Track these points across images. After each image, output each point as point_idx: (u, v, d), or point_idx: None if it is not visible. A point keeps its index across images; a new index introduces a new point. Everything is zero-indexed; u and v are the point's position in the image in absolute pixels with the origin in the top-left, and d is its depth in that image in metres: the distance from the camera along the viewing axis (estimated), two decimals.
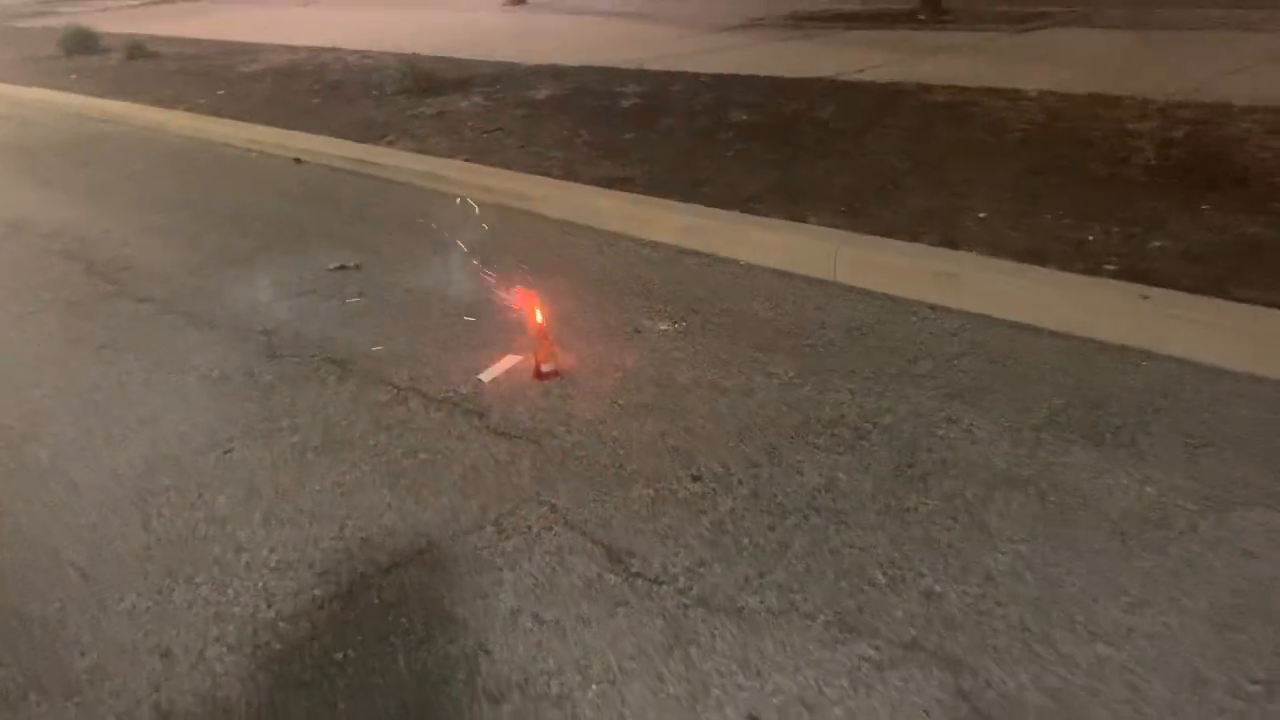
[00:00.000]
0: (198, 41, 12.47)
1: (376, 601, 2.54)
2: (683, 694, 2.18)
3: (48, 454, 3.42)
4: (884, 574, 2.48)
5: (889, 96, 6.51)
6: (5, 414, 3.72)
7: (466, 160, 5.98)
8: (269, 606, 2.56)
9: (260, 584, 2.65)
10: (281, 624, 2.50)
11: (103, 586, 2.71)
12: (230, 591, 2.63)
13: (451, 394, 3.52)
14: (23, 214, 6.28)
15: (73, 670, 2.42)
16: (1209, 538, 2.50)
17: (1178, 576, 2.38)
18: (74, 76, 10.62)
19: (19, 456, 3.42)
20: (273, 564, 2.73)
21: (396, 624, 2.46)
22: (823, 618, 2.35)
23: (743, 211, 4.64)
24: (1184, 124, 5.30)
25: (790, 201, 4.72)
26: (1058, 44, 8.02)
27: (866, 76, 7.13)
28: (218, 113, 8.17)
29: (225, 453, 3.30)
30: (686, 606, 2.43)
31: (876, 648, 2.25)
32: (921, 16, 9.69)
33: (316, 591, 2.60)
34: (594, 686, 2.22)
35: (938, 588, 2.42)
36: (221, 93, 8.98)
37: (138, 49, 11.54)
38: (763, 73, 7.57)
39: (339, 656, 2.37)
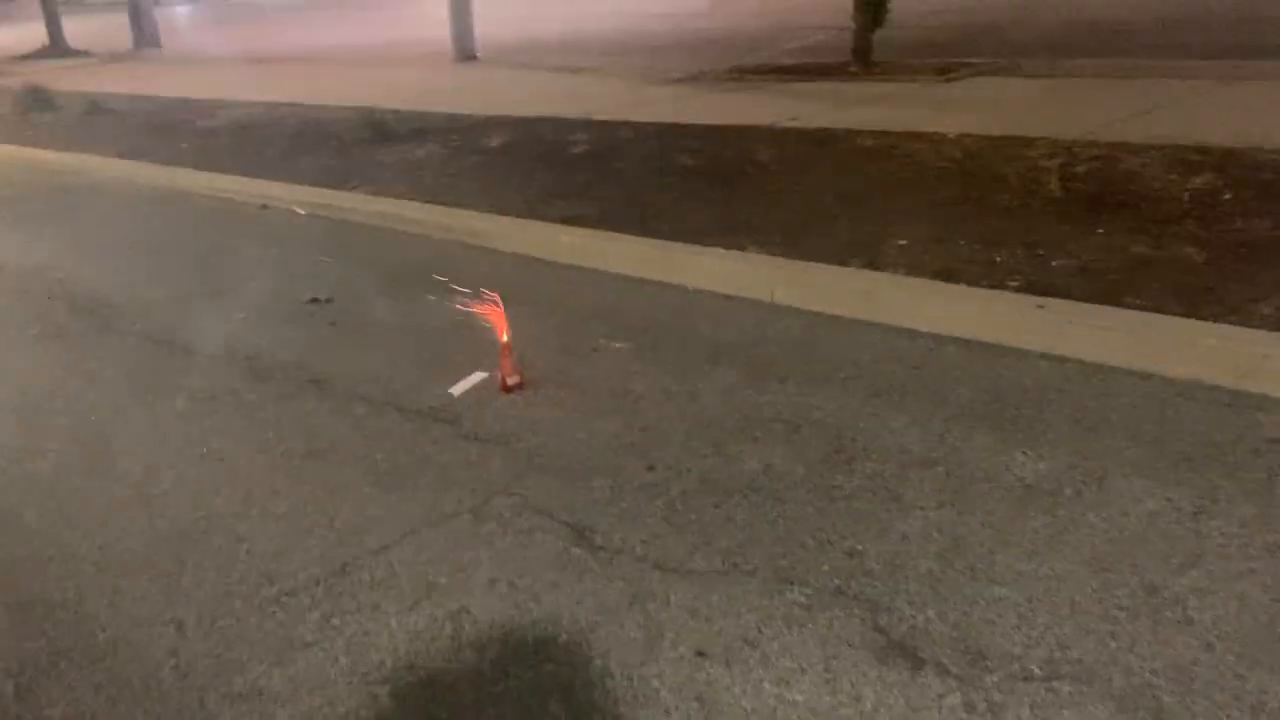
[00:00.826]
0: (155, 99, 12.77)
1: (368, 577, 2.87)
2: (641, 638, 2.53)
3: (50, 467, 3.70)
4: (813, 539, 2.85)
5: (819, 141, 7.01)
6: (16, 427, 4.01)
7: (424, 202, 6.35)
8: (271, 584, 2.88)
9: (261, 567, 2.96)
10: (284, 598, 2.81)
11: (115, 574, 3.00)
12: (234, 574, 2.94)
13: (425, 407, 3.87)
14: (1, 260, 6.54)
15: (95, 642, 2.72)
16: (1090, 501, 2.91)
17: (1063, 532, 2.79)
18: (34, 132, 10.87)
19: (24, 470, 3.70)
20: (271, 551, 3.04)
21: (387, 594, 2.79)
22: (761, 574, 2.72)
23: (688, 243, 5.06)
24: (1086, 161, 5.83)
25: (731, 233, 5.14)
26: (978, 92, 8.60)
27: (799, 124, 7.63)
28: (182, 163, 8.48)
29: (220, 460, 3.62)
30: (643, 571, 2.78)
31: (806, 595, 2.62)
32: (853, 69, 10.25)
33: (313, 569, 2.92)
34: (564, 635, 2.56)
35: (859, 547, 2.80)
36: (184, 145, 9.30)
37: (96, 106, 11.82)
38: (704, 121, 8.05)
39: (335, 622, 2.69)
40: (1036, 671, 2.30)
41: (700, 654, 2.45)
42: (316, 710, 2.38)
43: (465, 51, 14.27)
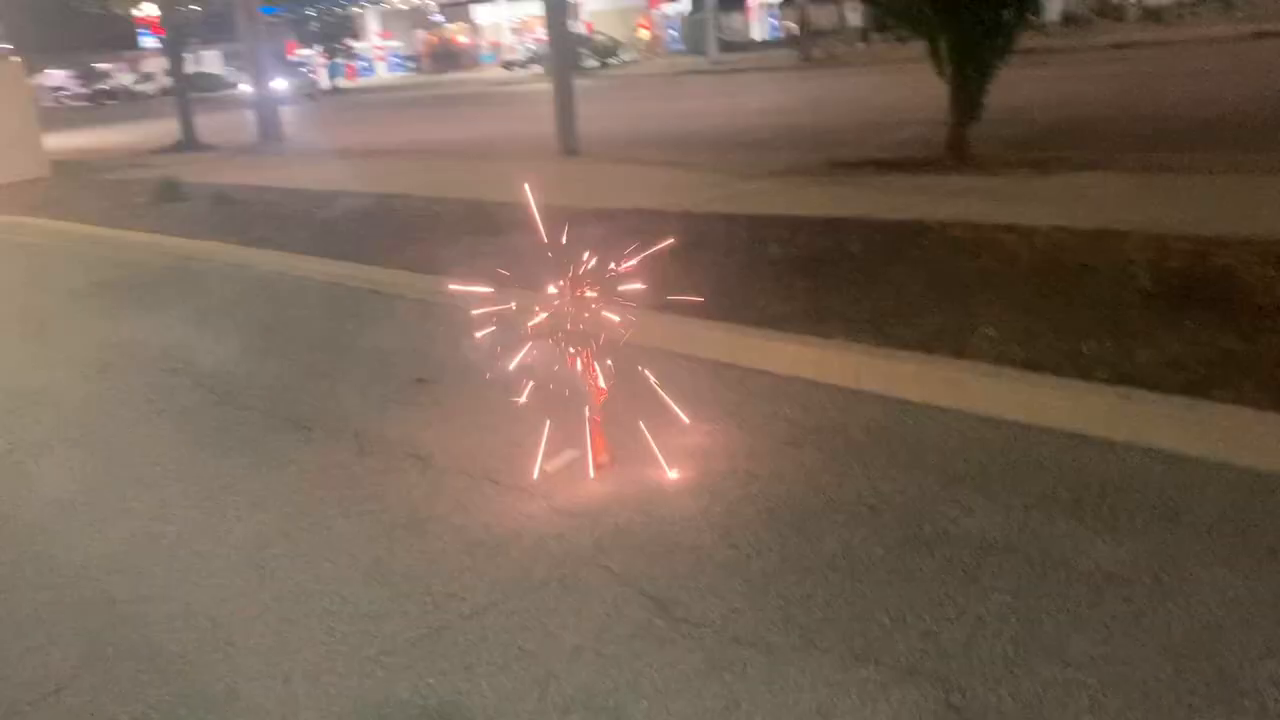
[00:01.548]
0: (277, 190, 13.49)
1: (461, 640, 3.03)
2: (718, 708, 2.63)
3: (175, 531, 3.98)
4: (889, 618, 2.93)
5: (911, 233, 7.13)
6: (137, 496, 4.30)
7: (523, 290, 6.62)
8: (371, 644, 3.06)
9: (362, 628, 3.15)
10: (383, 657, 2.99)
11: (229, 630, 3.22)
12: (338, 634, 3.14)
13: (519, 482, 4.05)
14: (131, 338, 7.01)
15: (211, 692, 2.92)
16: (1169, 589, 2.94)
17: (1140, 618, 2.82)
18: (166, 221, 11.58)
19: (154, 529, 3.99)
20: (372, 613, 3.23)
21: (478, 657, 2.94)
22: (836, 651, 2.81)
23: (776, 330, 5.21)
24: (1179, 255, 5.83)
25: (819, 321, 5.28)
26: (1073, 186, 8.64)
27: (892, 216, 7.76)
28: (300, 250, 8.97)
29: (327, 529, 3.84)
30: (722, 644, 2.89)
31: (881, 673, 2.70)
32: (948, 163, 10.38)
33: (411, 631, 3.09)
34: (645, 702, 2.68)
35: (934, 628, 2.87)
36: (303, 234, 9.82)
37: (222, 196, 12.56)
38: (796, 213, 8.24)
39: (430, 681, 2.85)
40: None
41: None
42: None
43: (569, 146, 14.78)
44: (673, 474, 3.96)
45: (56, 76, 71.49)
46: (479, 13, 64.69)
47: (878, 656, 2.76)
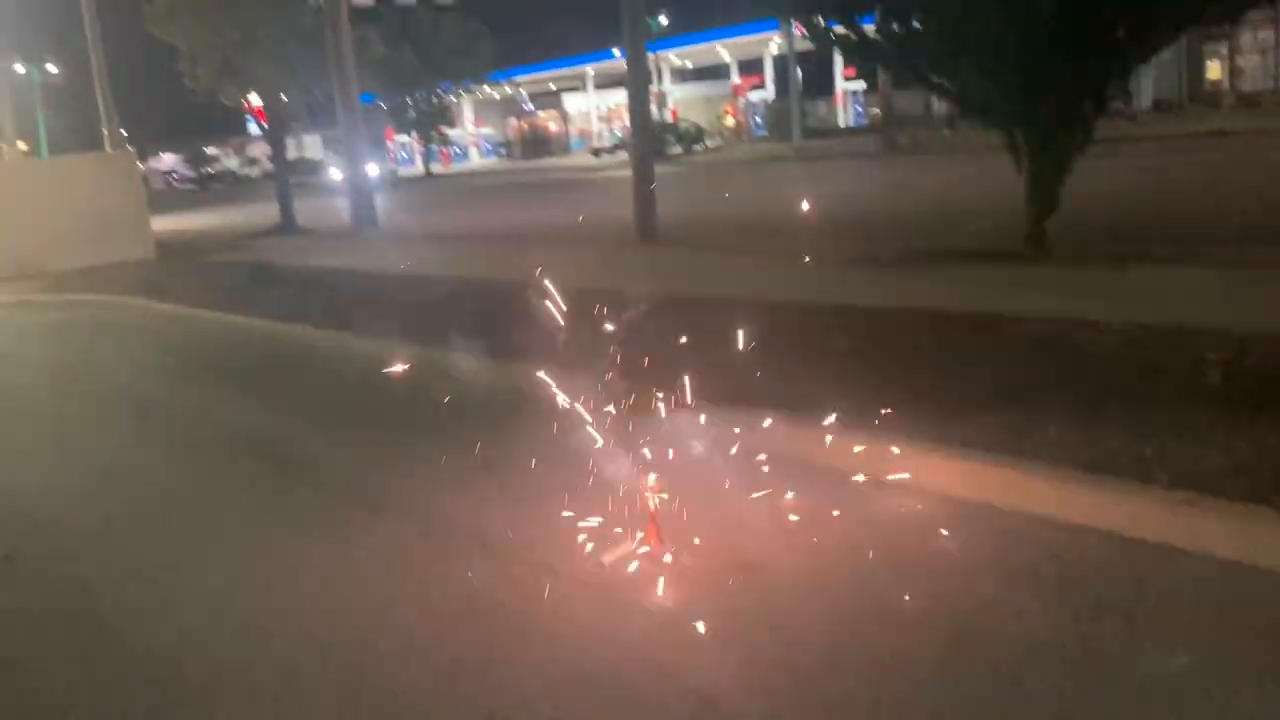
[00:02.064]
0: (366, 273, 13.98)
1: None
2: None
3: (246, 610, 4.14)
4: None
5: (981, 327, 7.13)
6: (211, 580, 4.49)
7: (595, 376, 6.79)
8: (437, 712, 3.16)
9: (419, 707, 3.26)
10: None
11: (292, 706, 3.35)
12: (394, 714, 3.24)
13: (577, 571, 4.14)
14: (219, 415, 7.32)
15: None
16: (1219, 701, 2.90)
17: None
18: (261, 304, 12.08)
19: (222, 611, 4.15)
20: (429, 693, 3.34)
21: None
22: None
23: (839, 424, 5.25)
24: (1253, 355, 5.75)
25: (877, 415, 5.31)
26: (1151, 280, 8.57)
27: (963, 308, 7.77)
28: (384, 334, 9.29)
29: (390, 608, 3.97)
30: None
31: None
32: (1027, 254, 10.35)
33: (464, 714, 3.19)
34: None
35: None
36: (389, 318, 10.16)
37: (317, 280, 13.08)
38: (867, 304, 8.30)
39: None
40: None
41: None
42: None
43: (647, 232, 15.08)
44: (723, 565, 4.01)
45: (167, 160, 75.18)
46: (569, 101, 66.50)
47: None
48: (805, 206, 18.39)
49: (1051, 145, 10.11)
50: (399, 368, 8.12)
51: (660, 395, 4.57)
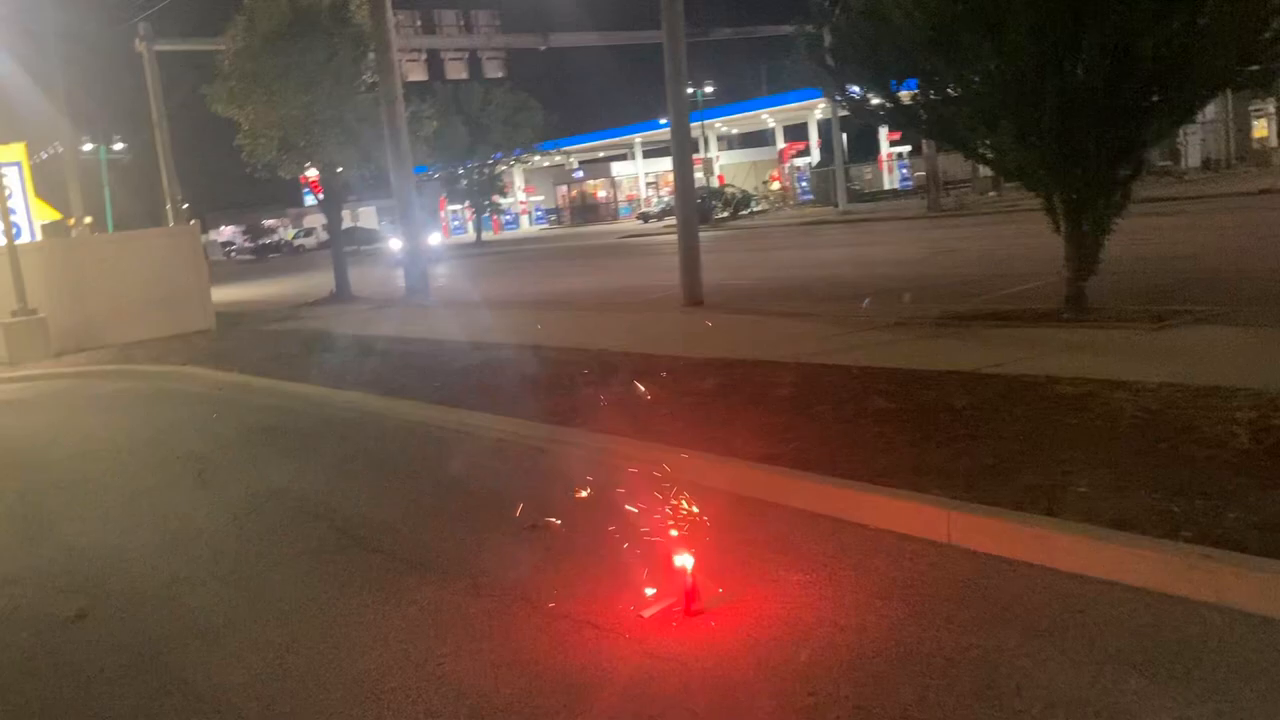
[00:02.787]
0: (417, 340, 14.37)
1: None
2: None
3: (303, 663, 4.36)
4: None
5: (1018, 388, 7.25)
6: (272, 631, 4.73)
7: (638, 439, 7.00)
8: None
9: None
10: None
11: None
12: None
13: (618, 626, 4.32)
14: (278, 482, 7.61)
15: None
16: None
17: None
18: (315, 371, 12.48)
19: (281, 664, 4.38)
20: None
21: None
22: None
23: (873, 483, 5.41)
24: None
25: (915, 475, 5.46)
26: (1189, 341, 8.64)
27: (1001, 370, 7.91)
28: (435, 401, 9.59)
29: (439, 664, 4.17)
30: None
31: None
32: (1065, 315, 10.44)
33: None
34: None
35: None
36: (437, 384, 10.48)
37: (370, 348, 13.47)
38: (907, 366, 8.46)
39: None
40: None
41: None
42: None
43: (693, 297, 15.35)
44: (758, 623, 4.17)
45: (226, 232, 77.29)
46: (617, 169, 67.58)
47: None
48: (848, 270, 18.65)
49: (1088, 209, 10.24)
50: (450, 432, 8.40)
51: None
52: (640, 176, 66.11)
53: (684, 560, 4.45)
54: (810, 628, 4.12)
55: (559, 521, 5.74)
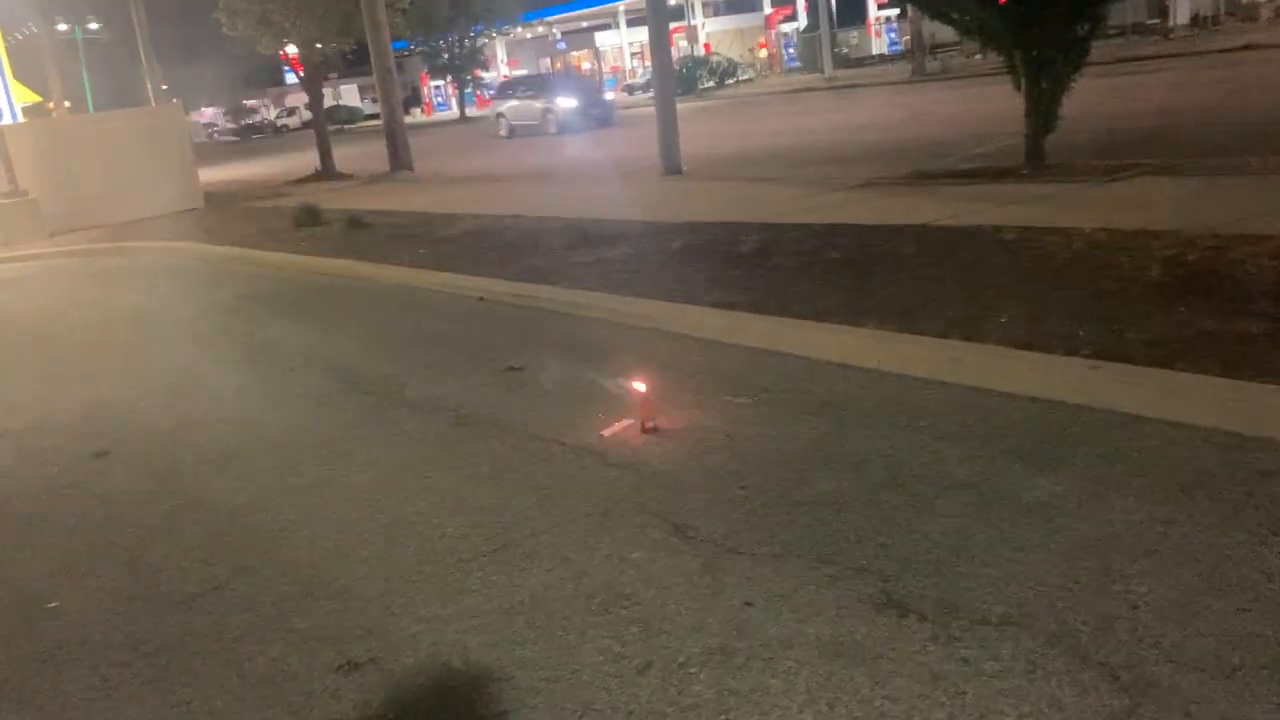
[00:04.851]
0: (403, 213, 14.74)
1: (520, 552, 3.89)
2: (707, 593, 3.42)
3: (307, 480, 4.96)
4: (855, 535, 3.67)
5: (964, 237, 7.75)
6: (275, 458, 5.32)
7: (606, 293, 7.52)
8: (454, 555, 3.94)
9: (447, 546, 4.04)
10: (460, 564, 3.86)
11: (347, 548, 4.15)
12: (428, 549, 4.03)
13: (582, 443, 4.90)
14: (273, 339, 8.14)
15: (330, 589, 3.84)
16: (1086, 514, 3.60)
17: (1055, 534, 3.49)
18: (304, 243, 12.90)
19: (289, 480, 4.98)
20: (456, 535, 4.12)
21: (532, 562, 3.79)
22: (807, 558, 3.56)
23: (817, 321, 5.95)
24: (1199, 250, 6.34)
25: (856, 314, 6.00)
26: (1134, 191, 9.08)
27: (952, 222, 8.38)
28: (418, 265, 10.07)
29: (425, 479, 4.77)
30: (719, 553, 3.68)
31: (837, 569, 3.45)
32: (1025, 171, 10.86)
33: (483, 546, 3.97)
34: (651, 590, 3.48)
35: (888, 541, 3.59)
36: (422, 251, 10.94)
37: (355, 220, 13.84)
38: (864, 222, 8.92)
39: (495, 578, 3.71)
40: (993, 620, 3.05)
41: (748, 604, 3.32)
42: (471, 628, 3.40)
43: (671, 167, 15.66)
44: (703, 436, 4.76)
45: (208, 113, 76.21)
46: (601, 39, 66.47)
47: (838, 560, 3.51)
48: (827, 136, 18.90)
49: (1046, 66, 10.55)
50: (433, 292, 8.90)
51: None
52: (625, 47, 65.07)
53: (640, 387, 5.01)
54: (747, 439, 4.70)
55: (534, 364, 6.29)
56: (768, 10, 61.07)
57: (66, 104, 38.26)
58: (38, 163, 17.98)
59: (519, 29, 57.04)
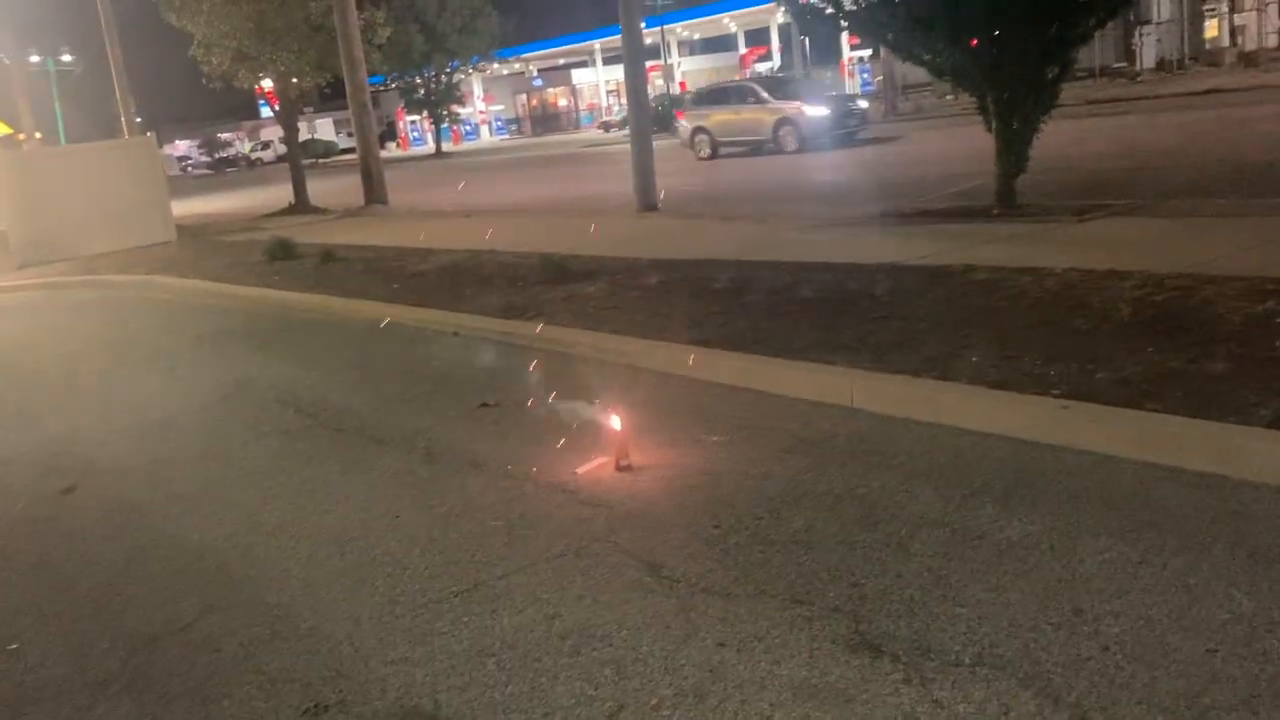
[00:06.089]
0: (377, 248, 14.69)
1: (491, 593, 3.85)
2: (680, 634, 3.40)
3: (275, 519, 4.90)
4: (828, 574, 3.66)
5: (935, 276, 7.80)
6: (246, 495, 5.26)
7: (583, 329, 7.51)
8: (423, 596, 3.90)
9: (417, 586, 4.00)
10: (430, 605, 3.82)
11: (317, 588, 4.10)
12: (398, 590, 3.99)
13: (555, 481, 4.88)
14: (246, 374, 8.08)
15: (298, 628, 3.79)
16: (1058, 553, 3.61)
17: (1027, 573, 3.50)
18: (277, 277, 12.83)
19: (255, 520, 4.92)
20: (426, 575, 4.08)
21: (503, 604, 3.75)
22: (780, 597, 3.55)
23: (790, 359, 5.97)
24: (1167, 291, 6.42)
25: (829, 352, 6.02)
26: (1104, 231, 9.19)
27: (924, 261, 8.44)
28: (393, 300, 10.03)
29: (395, 517, 4.72)
30: (693, 593, 3.66)
31: (811, 610, 3.43)
32: (996, 211, 10.98)
33: (454, 587, 3.93)
34: (625, 631, 3.46)
35: (861, 581, 3.59)
36: (396, 286, 10.90)
37: (328, 255, 13.79)
38: (836, 260, 8.97)
39: (465, 619, 3.68)
40: (966, 661, 3.04)
41: (721, 644, 3.30)
42: (441, 670, 3.36)
43: (647, 203, 15.71)
44: (678, 474, 4.75)
45: (181, 146, 76.06)
46: (577, 76, 66.98)
47: (812, 600, 3.50)
48: (799, 175, 19.07)
49: (1017, 108, 10.70)
50: (406, 328, 8.88)
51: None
52: (601, 85, 65.60)
53: (614, 424, 5.00)
54: (722, 476, 4.69)
55: (507, 401, 6.27)
56: (742, 50, 61.77)
57: (38, 135, 38.11)
58: (8, 194, 17.86)
59: (495, 65, 57.32)
